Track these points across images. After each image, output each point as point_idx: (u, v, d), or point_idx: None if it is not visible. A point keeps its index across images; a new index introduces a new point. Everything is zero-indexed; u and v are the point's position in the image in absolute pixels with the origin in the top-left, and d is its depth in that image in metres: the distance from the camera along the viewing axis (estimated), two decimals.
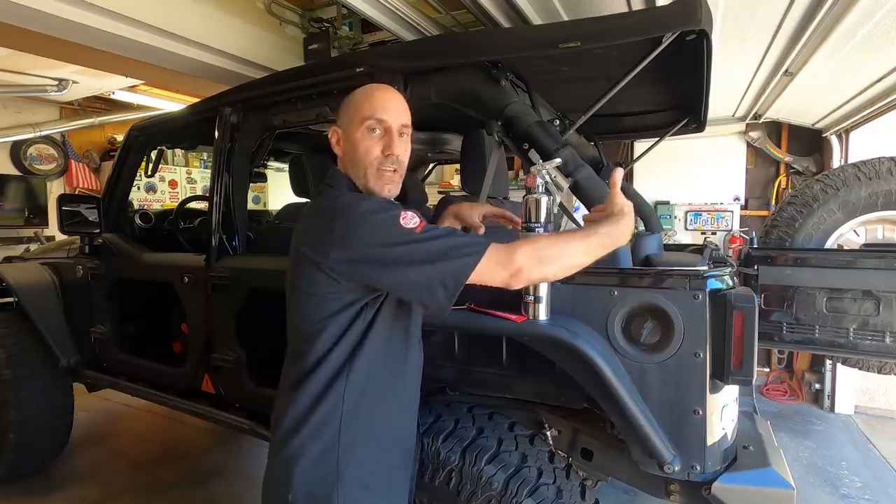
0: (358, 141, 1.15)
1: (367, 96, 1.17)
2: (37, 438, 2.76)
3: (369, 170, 1.15)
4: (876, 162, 2.23)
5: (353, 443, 1.10)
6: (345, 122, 1.18)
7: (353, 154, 1.16)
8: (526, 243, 1.05)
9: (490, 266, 1.02)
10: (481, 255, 1.01)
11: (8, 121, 5.67)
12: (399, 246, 1.01)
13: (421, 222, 1.04)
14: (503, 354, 1.55)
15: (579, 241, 1.06)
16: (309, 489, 1.08)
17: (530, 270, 1.03)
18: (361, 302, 1.09)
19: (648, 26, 1.28)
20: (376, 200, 1.10)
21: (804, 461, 3.16)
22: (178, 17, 2.83)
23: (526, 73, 1.66)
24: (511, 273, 1.02)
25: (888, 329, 1.83)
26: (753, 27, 2.33)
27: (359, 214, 1.04)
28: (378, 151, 1.14)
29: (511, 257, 1.02)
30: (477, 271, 1.01)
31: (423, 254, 1.01)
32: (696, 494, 1.29)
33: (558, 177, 1.23)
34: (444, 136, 2.58)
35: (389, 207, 1.06)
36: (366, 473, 1.12)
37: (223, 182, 2.07)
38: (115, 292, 2.58)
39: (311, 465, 1.08)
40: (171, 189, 6.58)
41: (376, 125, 1.14)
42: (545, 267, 1.04)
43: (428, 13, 2.85)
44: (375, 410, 1.14)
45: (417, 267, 1.01)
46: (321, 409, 1.09)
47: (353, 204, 1.06)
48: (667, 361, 1.23)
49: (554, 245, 1.05)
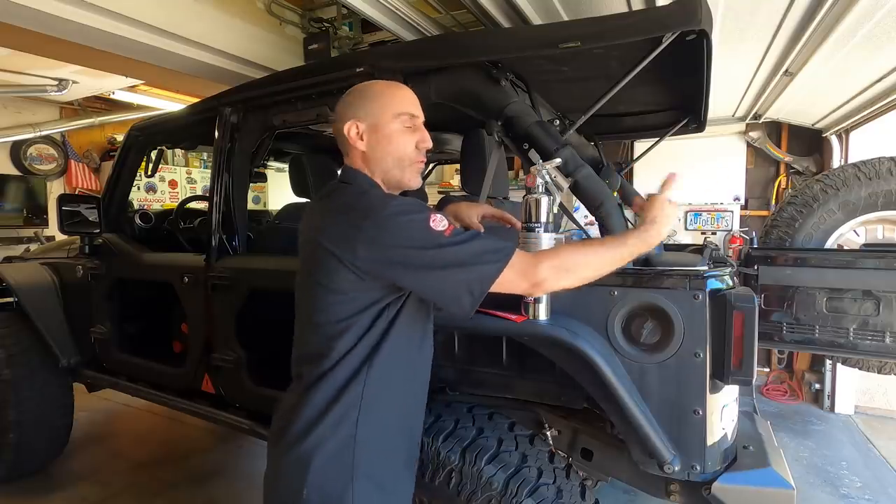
0: (394, 135, 1.15)
1: (393, 93, 1.18)
2: (37, 438, 2.76)
3: (406, 162, 1.16)
4: (876, 162, 2.23)
5: (369, 439, 1.10)
6: (371, 117, 1.16)
7: (385, 148, 1.16)
8: (551, 254, 1.06)
9: (514, 274, 1.02)
10: (507, 262, 1.02)
11: (8, 121, 5.67)
12: (428, 249, 1.01)
13: (450, 225, 1.04)
14: (503, 354, 1.55)
15: (607, 250, 1.07)
16: (323, 486, 1.08)
17: (554, 281, 1.04)
18: (385, 301, 1.09)
19: (648, 26, 1.28)
20: (405, 200, 1.09)
21: (804, 461, 3.16)
22: (178, 17, 2.83)
23: (526, 73, 1.66)
24: (534, 283, 1.03)
25: (888, 329, 1.83)
26: (753, 27, 2.33)
27: (388, 214, 1.03)
28: (413, 145, 1.17)
29: (536, 267, 1.02)
30: (501, 279, 1.02)
31: (451, 258, 1.01)
32: (696, 494, 1.29)
33: (558, 177, 1.23)
34: (444, 136, 2.58)
35: (419, 209, 1.06)
36: (378, 469, 1.13)
37: (223, 182, 2.07)
38: (115, 292, 2.58)
39: (327, 462, 1.08)
40: (171, 189, 6.58)
41: (410, 121, 1.17)
42: (568, 277, 1.05)
43: (428, 13, 2.85)
44: (391, 406, 1.15)
45: (445, 271, 1.01)
46: (339, 407, 1.09)
47: (383, 203, 1.05)
48: (667, 361, 1.23)
49: (580, 255, 1.06)
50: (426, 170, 3.32)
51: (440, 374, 1.65)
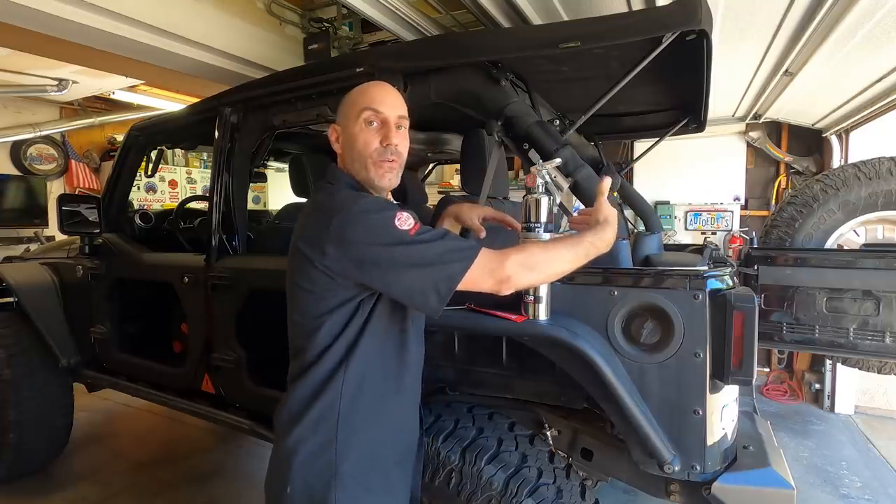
0: (356, 134, 1.16)
1: (362, 91, 1.19)
2: (37, 438, 2.76)
3: (369, 161, 1.16)
4: (876, 162, 2.23)
5: (351, 438, 1.11)
6: (343, 119, 1.20)
7: (352, 148, 1.17)
8: (516, 251, 1.06)
9: (481, 272, 1.03)
10: (472, 261, 1.03)
11: (8, 121, 5.67)
12: (394, 247, 1.02)
13: (416, 224, 1.05)
14: (503, 354, 1.55)
15: (567, 249, 1.08)
16: (306, 484, 1.09)
17: (519, 278, 1.05)
18: (358, 298, 1.10)
19: (648, 26, 1.28)
20: (373, 199, 1.10)
21: (804, 461, 3.16)
22: (178, 17, 2.83)
23: (526, 73, 1.66)
24: (500, 280, 1.04)
25: (888, 329, 1.83)
26: (753, 27, 2.33)
27: (354, 212, 1.04)
28: (377, 143, 1.15)
29: (502, 265, 1.03)
30: (467, 277, 1.03)
31: (416, 257, 1.02)
32: (696, 494, 1.29)
33: (558, 177, 1.23)
34: (444, 136, 2.58)
35: (386, 207, 1.07)
36: (364, 470, 1.12)
37: (223, 182, 2.07)
38: (115, 292, 2.58)
39: (309, 459, 1.09)
40: (171, 189, 6.58)
41: (374, 117, 1.16)
42: (533, 274, 1.07)
43: (428, 13, 2.85)
44: (373, 405, 1.14)
45: (411, 270, 1.02)
46: (319, 405, 1.10)
47: (350, 202, 1.06)
48: (667, 361, 1.23)
49: (543, 253, 1.07)
50: (426, 170, 3.32)
51: (440, 374, 1.65)
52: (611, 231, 1.13)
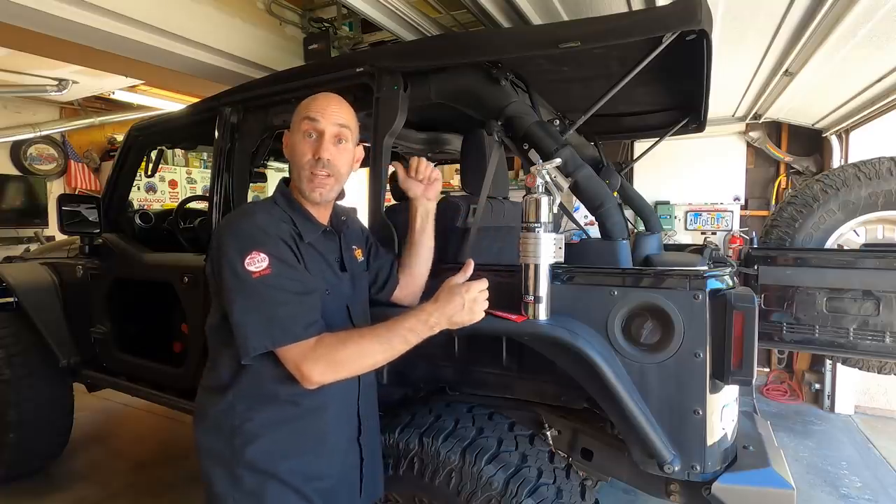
0: (295, 144, 1.18)
1: (307, 103, 1.20)
2: (37, 438, 2.76)
3: (303, 172, 1.17)
4: (876, 162, 2.24)
5: (247, 447, 1.16)
6: (291, 127, 1.21)
7: (292, 157, 1.19)
8: (324, 346, 1.05)
9: (287, 360, 1.05)
10: (286, 346, 1.04)
11: (8, 121, 5.67)
12: (234, 278, 1.04)
13: (266, 268, 1.03)
14: (503, 354, 1.54)
15: (378, 343, 1.07)
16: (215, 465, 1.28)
17: (322, 377, 1.05)
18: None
19: (648, 26, 1.28)
20: (255, 222, 1.10)
21: (804, 461, 3.16)
22: (178, 17, 2.83)
23: (526, 73, 1.66)
24: (302, 376, 1.05)
25: (888, 329, 1.83)
26: (753, 27, 2.33)
27: (229, 231, 1.09)
28: (310, 155, 1.15)
29: (305, 365, 1.04)
30: (279, 352, 1.05)
31: (243, 301, 1.04)
32: (696, 494, 1.29)
33: (558, 177, 1.23)
34: (444, 136, 2.58)
35: (253, 236, 1.06)
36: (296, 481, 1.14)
37: (223, 182, 2.07)
38: (115, 292, 2.58)
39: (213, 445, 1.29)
40: (171, 189, 6.58)
41: (311, 127, 1.16)
42: (340, 369, 1.07)
43: (428, 13, 2.85)
44: (280, 424, 1.14)
45: (236, 306, 1.04)
46: (222, 403, 1.19)
47: (235, 218, 1.13)
48: (667, 361, 1.23)
49: (349, 347, 1.06)
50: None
51: (440, 374, 1.65)
52: (439, 315, 1.09)
